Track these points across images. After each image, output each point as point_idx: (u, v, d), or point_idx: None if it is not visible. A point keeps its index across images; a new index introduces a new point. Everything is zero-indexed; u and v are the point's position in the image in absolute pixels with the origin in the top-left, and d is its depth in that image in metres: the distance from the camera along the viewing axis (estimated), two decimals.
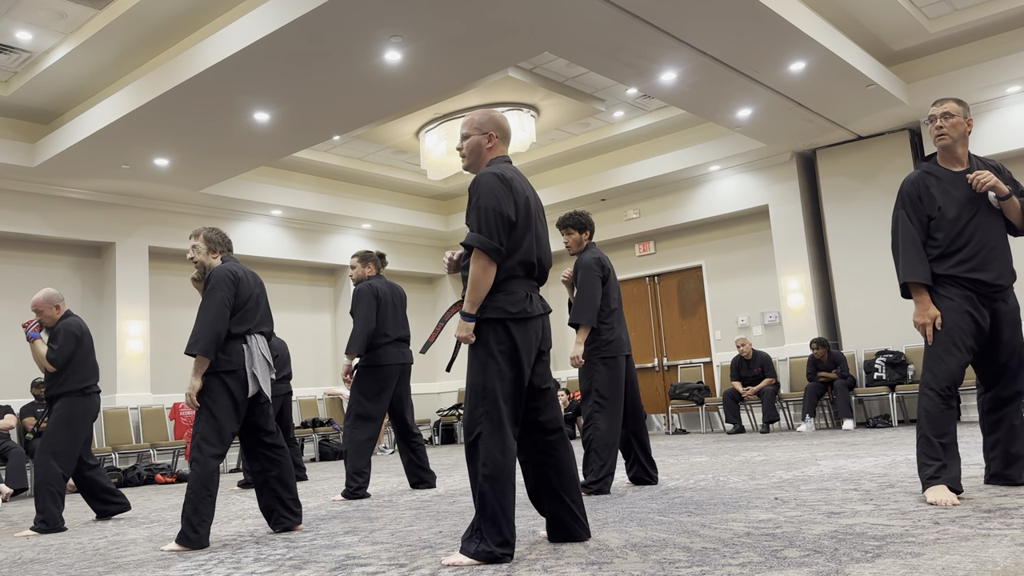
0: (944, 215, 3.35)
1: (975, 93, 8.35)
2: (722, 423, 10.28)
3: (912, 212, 3.42)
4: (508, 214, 2.81)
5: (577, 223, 4.68)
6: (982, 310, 3.32)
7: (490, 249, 2.77)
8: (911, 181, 3.46)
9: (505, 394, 2.75)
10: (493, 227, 2.78)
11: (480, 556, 2.63)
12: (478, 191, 2.84)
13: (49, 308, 4.88)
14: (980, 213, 3.35)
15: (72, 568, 3.28)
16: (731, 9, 6.19)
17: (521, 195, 2.89)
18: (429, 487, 5.46)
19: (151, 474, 8.32)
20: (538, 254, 2.93)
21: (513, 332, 2.79)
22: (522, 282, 2.87)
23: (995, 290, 3.34)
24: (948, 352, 3.26)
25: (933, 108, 3.46)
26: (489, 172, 2.87)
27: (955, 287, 3.33)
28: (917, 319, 3.33)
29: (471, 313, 2.81)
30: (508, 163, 3.00)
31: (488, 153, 3.02)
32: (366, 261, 5.67)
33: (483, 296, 2.80)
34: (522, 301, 2.83)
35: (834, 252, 9.66)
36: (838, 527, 2.82)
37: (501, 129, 3.03)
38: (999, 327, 3.36)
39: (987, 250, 3.32)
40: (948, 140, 3.41)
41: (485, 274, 2.79)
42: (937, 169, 3.45)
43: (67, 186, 9.07)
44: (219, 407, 3.70)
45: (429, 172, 9.65)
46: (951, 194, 3.37)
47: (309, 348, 11.48)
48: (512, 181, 2.88)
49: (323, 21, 5.85)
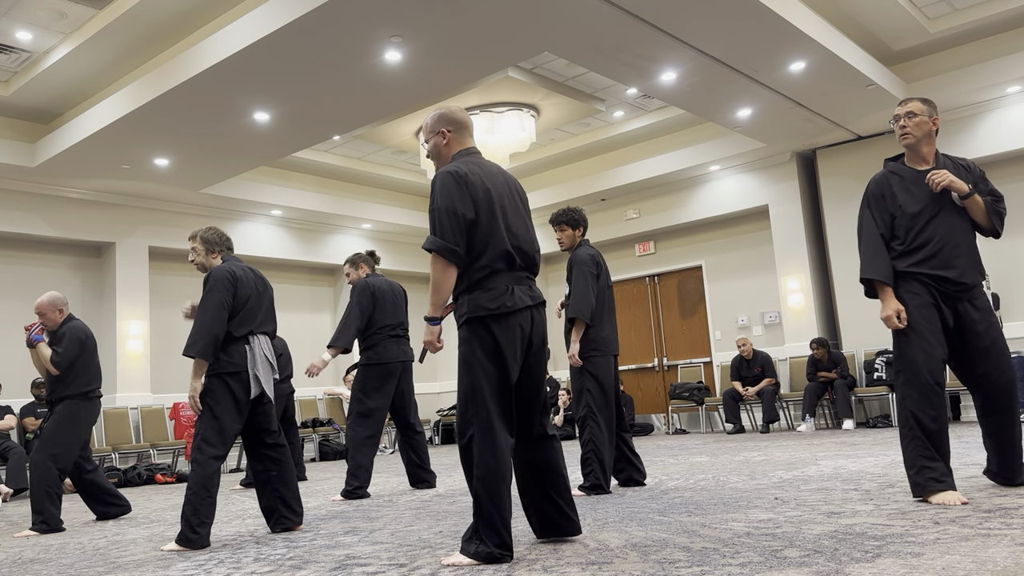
0: (904, 212, 3.35)
1: (975, 93, 8.35)
2: (722, 423, 10.27)
3: (876, 211, 3.42)
4: (463, 212, 2.76)
5: (570, 219, 4.65)
6: (945, 308, 3.29)
7: (444, 251, 2.74)
8: (876, 180, 3.46)
9: (493, 394, 2.73)
10: (447, 228, 2.75)
11: (479, 557, 2.63)
12: (432, 194, 2.82)
13: (53, 311, 4.87)
14: (943, 211, 3.33)
15: (72, 568, 3.28)
16: (731, 9, 6.19)
17: (480, 188, 2.81)
18: (429, 487, 5.46)
19: (151, 474, 8.32)
20: (514, 243, 2.86)
21: (494, 329, 2.75)
22: (503, 276, 2.81)
23: (959, 288, 3.29)
24: (921, 349, 3.21)
25: (898, 108, 3.46)
26: (443, 172, 2.83)
27: (918, 283, 3.30)
28: (882, 314, 3.29)
29: (434, 316, 2.79)
30: (472, 155, 2.95)
31: (447, 150, 2.98)
32: (357, 263, 5.66)
33: (444, 299, 2.77)
34: (501, 296, 2.77)
35: (834, 252, 9.66)
36: (838, 527, 2.82)
37: (453, 122, 2.98)
38: (970, 333, 3.29)
39: (949, 247, 3.30)
40: (912, 139, 3.40)
41: (444, 276, 2.75)
42: (901, 168, 3.45)
43: (67, 186, 9.07)
44: (222, 408, 3.69)
45: (429, 172, 9.65)
46: (913, 192, 3.37)
47: (309, 348, 11.48)
48: (467, 176, 2.80)
49: (323, 21, 5.85)
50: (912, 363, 3.23)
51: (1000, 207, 3.39)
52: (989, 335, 3.30)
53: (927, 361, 3.21)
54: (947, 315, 3.30)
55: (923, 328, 3.24)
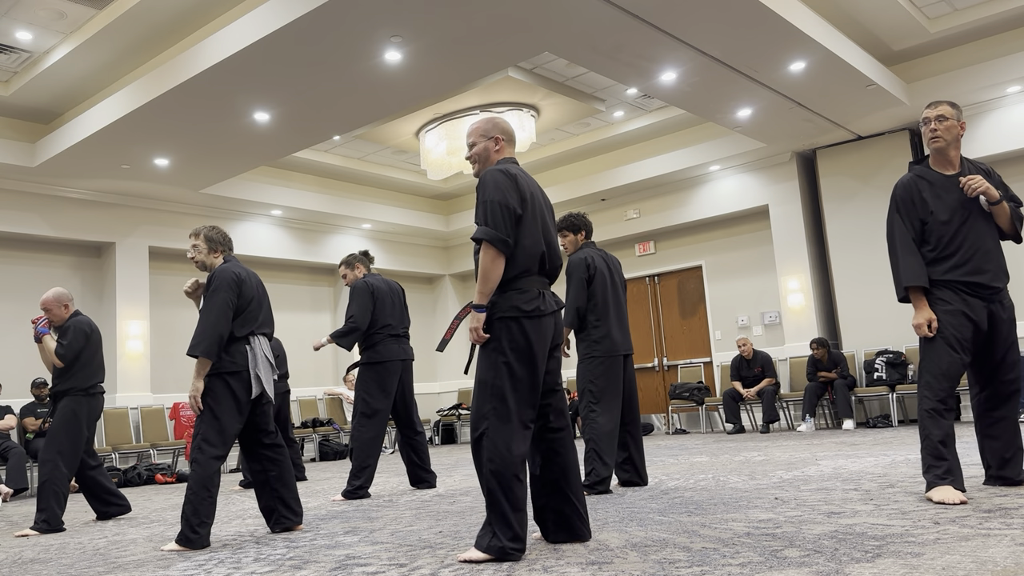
0: (936, 219, 3.36)
1: (975, 93, 8.35)
2: (722, 423, 10.27)
3: (906, 216, 3.42)
4: (513, 207, 2.86)
5: (571, 225, 4.66)
6: (980, 312, 3.33)
7: (497, 241, 2.82)
8: (903, 185, 3.45)
9: (516, 391, 2.77)
10: (499, 220, 2.83)
11: (492, 551, 2.66)
12: (484, 187, 2.90)
13: (58, 307, 4.89)
14: (972, 217, 3.35)
15: (72, 568, 3.28)
16: (731, 9, 6.18)
17: (527, 190, 2.94)
18: (429, 487, 5.46)
19: (151, 474, 8.32)
20: (547, 248, 2.97)
21: (528, 330, 2.82)
22: (534, 279, 2.91)
23: (992, 292, 3.35)
24: (946, 354, 3.27)
25: (927, 110, 3.44)
26: (494, 169, 2.94)
27: (951, 291, 3.33)
28: (915, 321, 3.34)
29: (483, 304, 2.84)
30: (515, 163, 3.07)
31: (496, 156, 3.09)
32: (353, 264, 5.66)
33: (493, 287, 2.83)
34: (535, 299, 2.86)
35: (834, 252, 9.66)
36: (838, 527, 2.82)
37: (506, 132, 3.10)
38: (997, 332, 3.37)
39: (981, 253, 3.33)
40: (942, 143, 3.40)
41: (494, 265, 2.82)
42: (929, 173, 3.44)
43: (67, 186, 9.07)
44: (222, 408, 3.70)
45: (429, 172, 9.65)
46: (943, 198, 3.37)
47: (309, 348, 11.48)
48: (517, 177, 2.94)
49: (323, 21, 5.85)
50: (936, 368, 3.28)
51: (1022, 212, 3.43)
52: (1012, 335, 3.39)
53: (950, 368, 3.27)
54: (981, 319, 3.33)
55: (950, 336, 3.29)
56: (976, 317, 3.32)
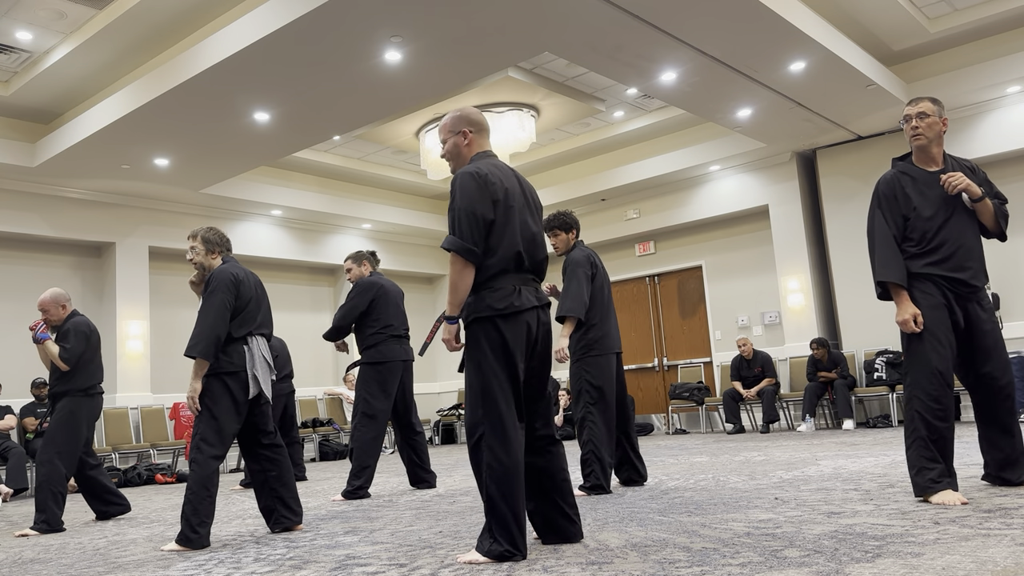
0: (920, 215, 3.34)
1: (975, 93, 8.35)
2: (722, 423, 10.27)
3: (888, 212, 3.40)
4: (482, 213, 2.79)
5: (563, 224, 4.67)
6: (957, 309, 3.30)
7: (463, 251, 2.77)
8: (886, 181, 3.43)
9: (502, 391, 2.75)
10: (467, 228, 2.78)
11: (492, 554, 2.66)
12: (452, 194, 2.85)
13: (55, 308, 4.89)
14: (955, 213, 3.34)
15: (72, 568, 3.28)
16: (731, 9, 6.18)
17: (500, 188, 2.85)
18: (429, 487, 5.46)
19: (151, 474, 8.32)
20: (525, 245, 2.90)
21: (502, 328, 2.78)
22: (511, 276, 2.85)
23: (971, 290, 3.32)
24: (933, 349, 3.22)
25: (908, 108, 3.42)
26: (464, 172, 2.87)
27: (931, 284, 3.31)
28: (899, 318, 3.29)
29: (453, 315, 2.82)
30: (490, 157, 2.98)
31: (467, 150, 3.02)
32: (360, 260, 5.67)
33: (463, 298, 2.80)
34: (509, 296, 2.80)
35: (834, 252, 9.66)
36: (838, 527, 2.81)
37: (474, 123, 3.02)
38: (977, 332, 3.32)
39: (963, 250, 3.31)
40: (924, 140, 3.38)
41: (461, 276, 2.79)
42: (912, 169, 3.43)
43: (67, 186, 9.07)
44: (220, 408, 3.70)
45: (429, 172, 9.65)
46: (926, 194, 3.36)
47: (309, 348, 11.48)
48: (487, 177, 2.85)
49: (323, 21, 5.85)
50: (923, 364, 3.23)
51: (1006, 210, 3.41)
52: (993, 335, 3.33)
53: (939, 362, 3.21)
54: (959, 316, 3.31)
55: (935, 329, 3.25)
56: (956, 314, 3.29)
